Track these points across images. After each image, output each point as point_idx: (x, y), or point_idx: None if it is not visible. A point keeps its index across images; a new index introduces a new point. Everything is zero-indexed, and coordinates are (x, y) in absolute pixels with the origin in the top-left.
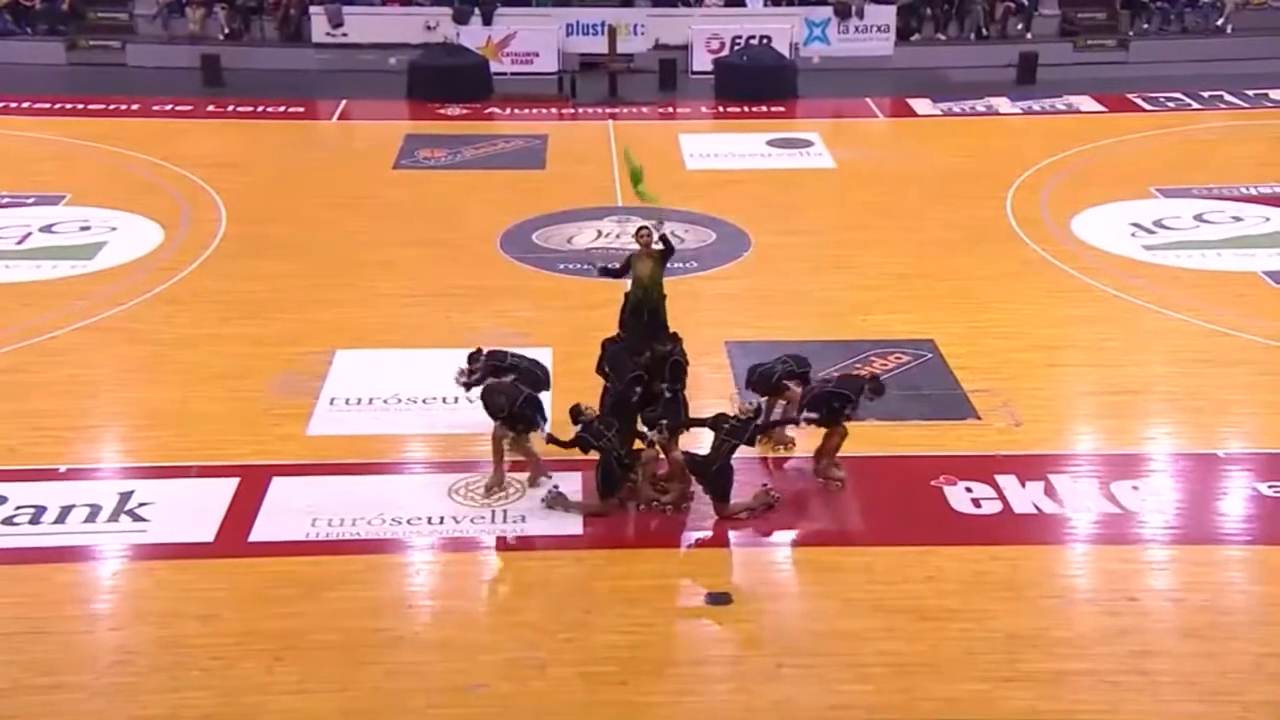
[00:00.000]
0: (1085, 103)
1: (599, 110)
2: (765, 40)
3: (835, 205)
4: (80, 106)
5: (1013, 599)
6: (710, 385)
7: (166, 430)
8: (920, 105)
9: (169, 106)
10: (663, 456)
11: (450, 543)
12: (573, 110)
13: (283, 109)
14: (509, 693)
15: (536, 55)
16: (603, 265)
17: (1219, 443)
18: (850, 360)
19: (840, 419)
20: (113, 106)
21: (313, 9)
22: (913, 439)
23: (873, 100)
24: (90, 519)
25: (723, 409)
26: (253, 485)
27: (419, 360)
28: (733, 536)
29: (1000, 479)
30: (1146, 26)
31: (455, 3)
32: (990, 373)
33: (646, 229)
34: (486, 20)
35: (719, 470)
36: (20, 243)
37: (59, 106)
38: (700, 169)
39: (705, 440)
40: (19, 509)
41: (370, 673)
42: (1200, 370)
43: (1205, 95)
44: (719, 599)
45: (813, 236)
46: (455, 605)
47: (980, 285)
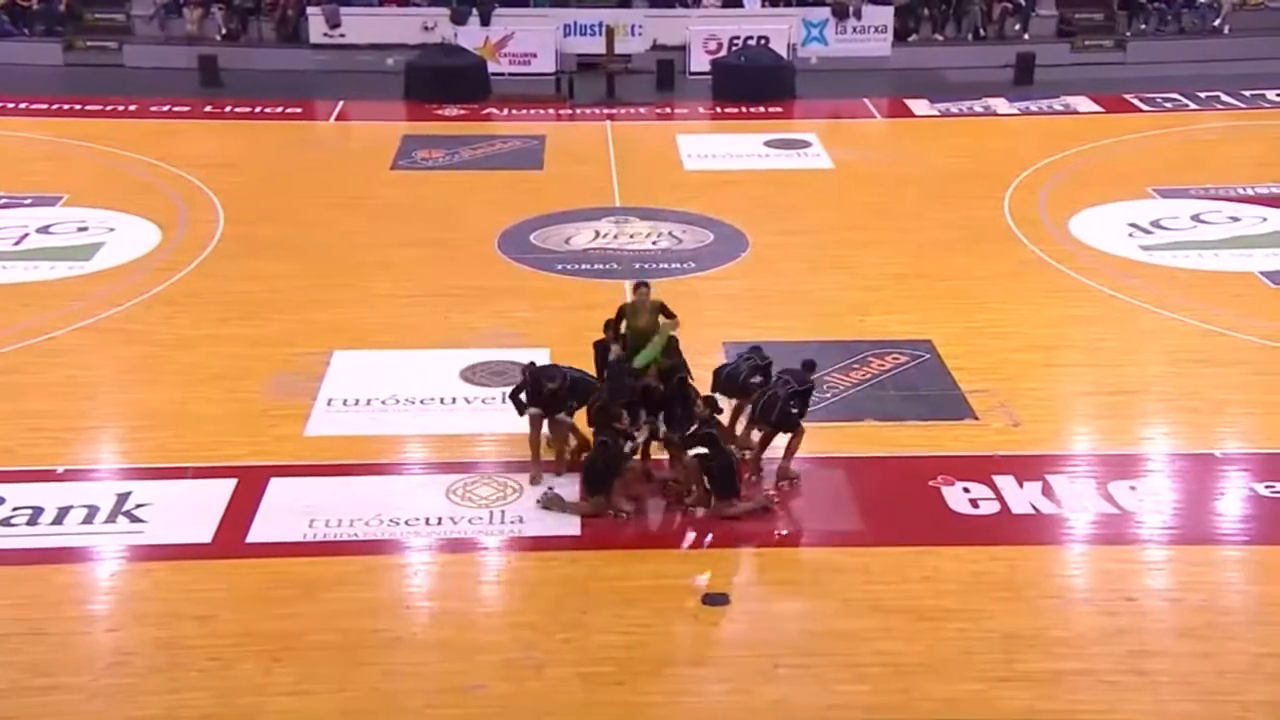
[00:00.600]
0: (1083, 103)
1: (597, 111)
2: (763, 41)
3: (833, 206)
4: (77, 107)
5: (1010, 599)
6: (708, 386)
7: (164, 431)
8: (918, 106)
9: (166, 107)
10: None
11: (448, 543)
12: (570, 111)
13: (280, 110)
14: (507, 693)
15: (534, 56)
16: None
17: (1216, 443)
18: (848, 360)
19: (798, 422)
20: (110, 107)
21: (310, 10)
22: (910, 439)
23: (870, 101)
24: (88, 520)
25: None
26: (250, 486)
27: (417, 361)
28: (730, 537)
29: (998, 479)
30: (1144, 27)
31: (453, 3)
32: (988, 373)
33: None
34: (484, 21)
35: (724, 468)
36: (18, 243)
37: (56, 107)
38: (698, 169)
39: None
40: (16, 510)
41: (368, 673)
42: (1197, 370)
43: (1202, 96)
44: (716, 599)
45: (810, 237)
46: (453, 606)
47: (978, 285)
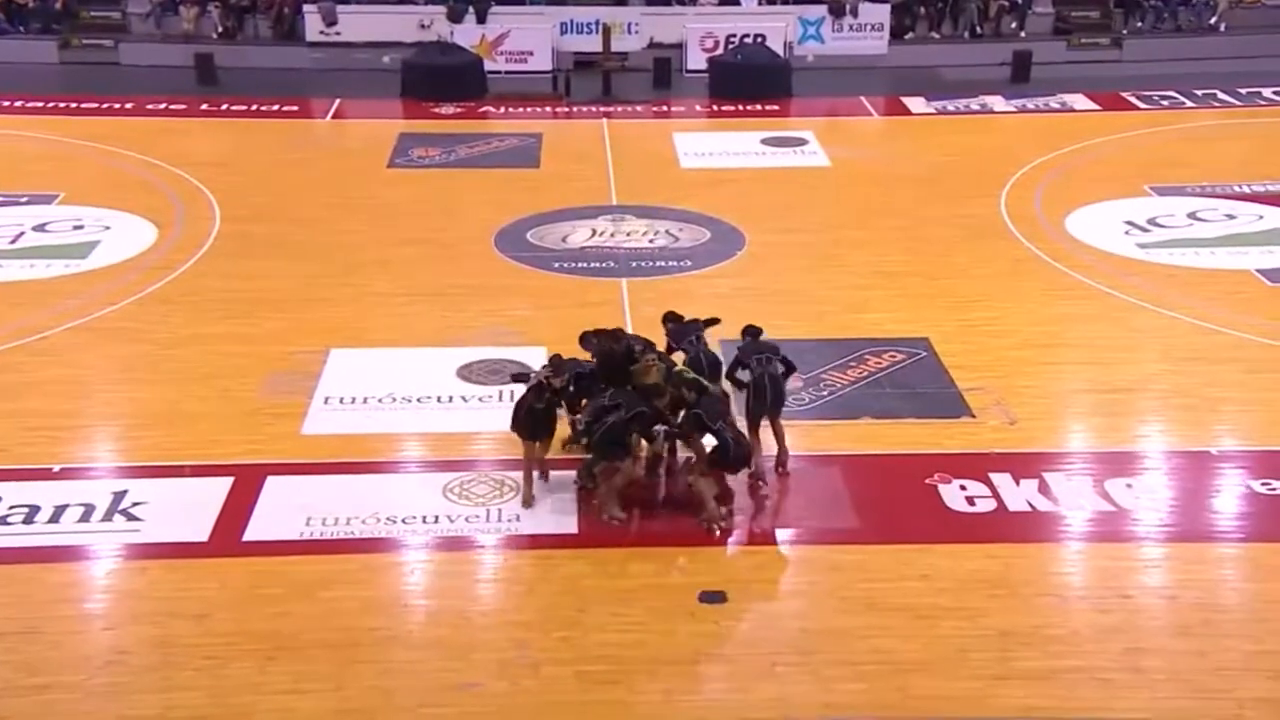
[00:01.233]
0: (1079, 101)
1: (593, 109)
2: (760, 39)
3: (830, 204)
4: (74, 105)
5: (1007, 597)
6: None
7: (160, 430)
8: (914, 104)
9: (163, 105)
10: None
11: (444, 542)
12: (567, 109)
13: (277, 108)
14: (503, 692)
15: (531, 54)
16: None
17: (1212, 440)
18: (845, 358)
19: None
20: (106, 105)
21: (306, 7)
22: (907, 437)
23: (867, 99)
24: (84, 519)
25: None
26: (247, 484)
27: (413, 359)
28: (728, 535)
29: (994, 477)
30: (1140, 25)
31: (449, 1)
32: (984, 371)
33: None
34: (480, 19)
35: (737, 454)
36: (13, 242)
37: (52, 105)
38: (695, 168)
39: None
40: (12, 509)
41: (364, 672)
42: (1194, 368)
43: (1198, 93)
44: (713, 597)
45: (807, 235)
46: (449, 604)
47: (974, 283)
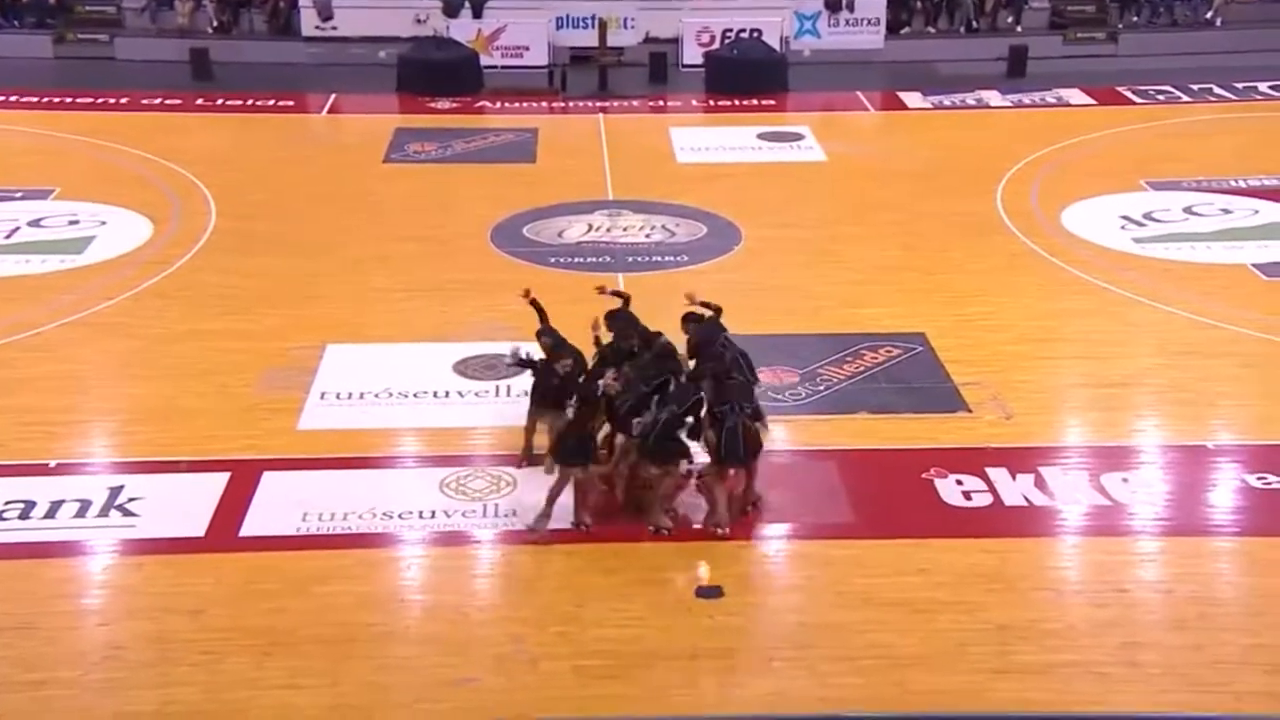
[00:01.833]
0: (1075, 96)
1: (589, 104)
2: (756, 33)
3: (826, 199)
4: (68, 100)
5: (1003, 591)
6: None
7: (156, 425)
8: (911, 98)
9: (158, 100)
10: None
11: (441, 537)
12: (563, 104)
13: (272, 103)
14: (500, 687)
15: (527, 49)
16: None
17: (1208, 434)
18: (841, 353)
19: None
20: (101, 100)
21: (302, 2)
22: (903, 432)
23: (863, 93)
24: (80, 514)
25: None
26: (243, 480)
27: (410, 354)
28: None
29: (991, 471)
30: (1136, 19)
31: None
32: (981, 365)
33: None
34: (476, 13)
35: (727, 447)
36: (8, 237)
37: (47, 100)
38: (691, 162)
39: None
40: (8, 504)
41: (360, 667)
42: (1190, 362)
43: (1194, 88)
44: (710, 592)
45: (803, 230)
46: (446, 600)
47: (970, 278)
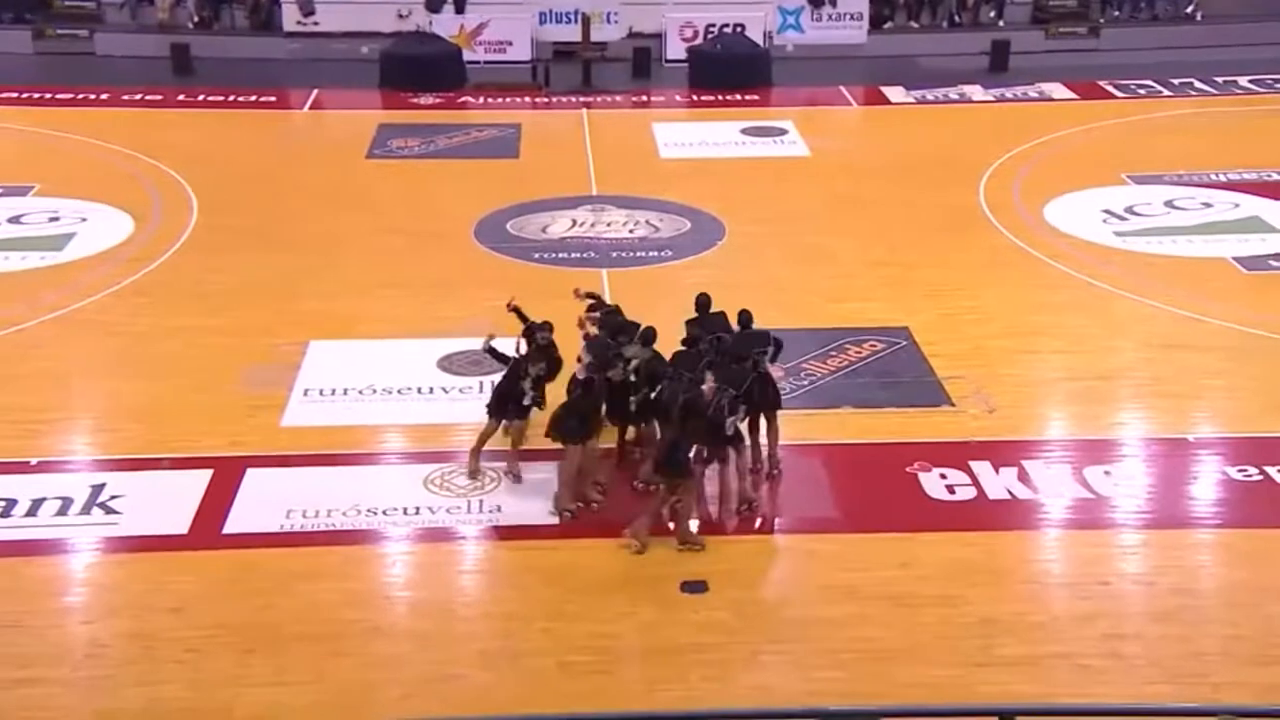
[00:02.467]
0: (1057, 90)
1: (573, 99)
2: (739, 28)
3: (809, 193)
4: (48, 96)
5: (987, 584)
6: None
7: (138, 423)
8: (894, 93)
9: (139, 96)
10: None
11: (426, 533)
12: (546, 99)
13: (254, 98)
14: (486, 683)
15: (510, 44)
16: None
17: (1190, 427)
18: (826, 348)
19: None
20: (81, 96)
21: None
22: (887, 426)
23: (846, 88)
24: (62, 512)
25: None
26: (226, 477)
27: (394, 351)
28: (708, 525)
29: (974, 465)
30: (1117, 14)
31: None
32: (964, 360)
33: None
34: (459, 9)
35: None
36: None
37: (26, 96)
38: (674, 158)
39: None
40: None
41: (345, 664)
42: (1171, 356)
43: (1175, 82)
44: (695, 587)
45: (787, 224)
46: (431, 596)
47: (953, 272)
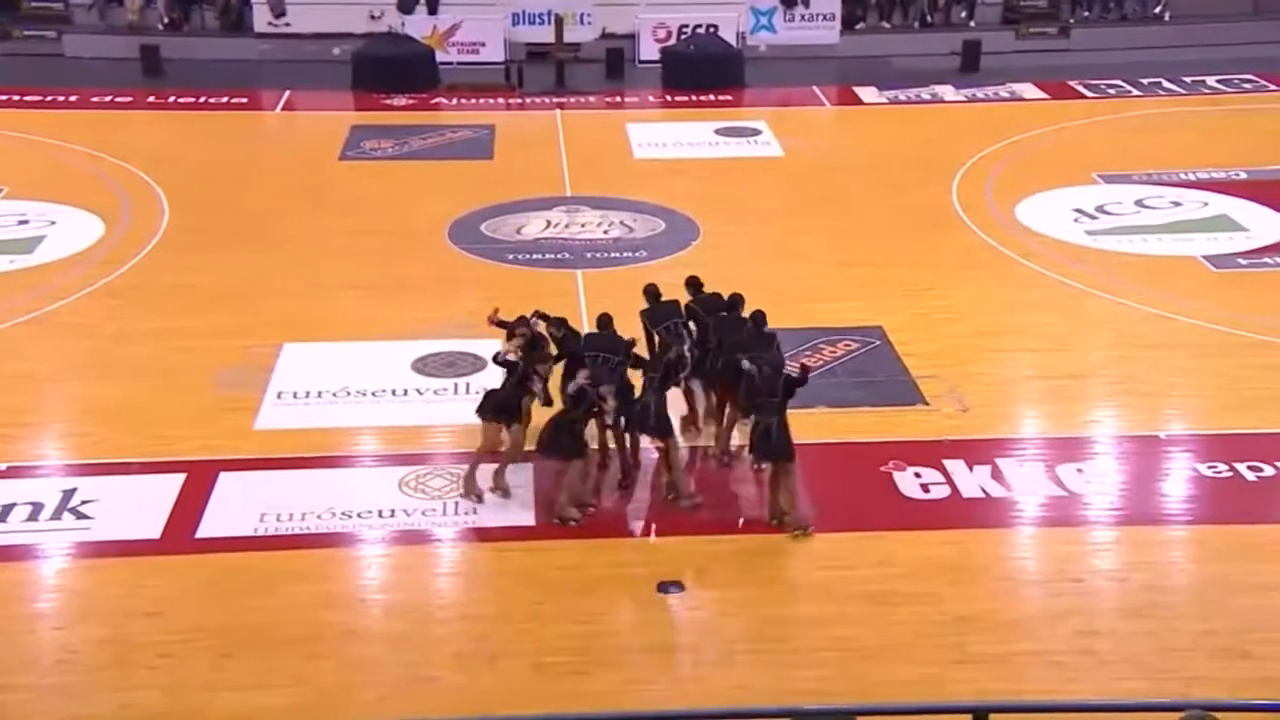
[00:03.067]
0: (1028, 90)
1: (546, 100)
2: (712, 29)
3: (783, 194)
4: (15, 98)
5: (961, 582)
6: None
7: (110, 426)
8: (866, 93)
9: (108, 98)
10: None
11: (401, 536)
12: (520, 100)
13: (225, 100)
14: (462, 685)
15: (483, 45)
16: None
17: (1160, 425)
18: (800, 348)
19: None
20: (50, 98)
21: None
22: (862, 425)
23: (819, 88)
24: (32, 517)
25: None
26: (199, 481)
27: (368, 353)
28: (684, 525)
29: (948, 464)
30: (1087, 14)
31: None
32: (937, 359)
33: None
34: (432, 10)
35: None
36: None
37: None
38: (648, 158)
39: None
40: None
41: (321, 667)
42: (1142, 354)
43: (1144, 82)
44: (671, 587)
45: (761, 225)
46: (407, 598)
47: (927, 272)
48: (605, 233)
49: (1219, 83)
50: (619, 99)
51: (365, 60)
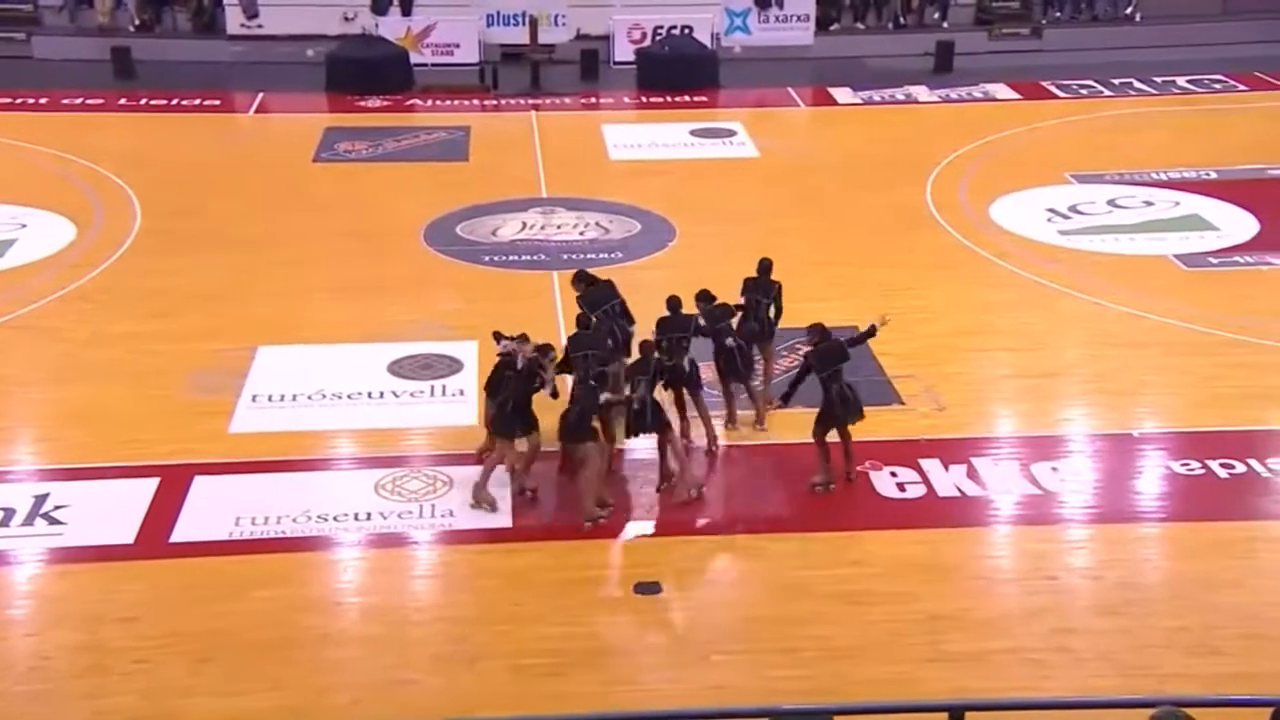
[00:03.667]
0: (1001, 90)
1: (521, 101)
2: (687, 30)
3: (759, 194)
4: None
5: (937, 581)
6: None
7: (82, 431)
8: (841, 94)
9: (79, 100)
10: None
11: (378, 538)
12: (495, 101)
13: (198, 102)
14: (440, 687)
15: (457, 46)
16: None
17: (1134, 423)
18: (776, 349)
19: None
20: (19, 100)
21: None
22: None
23: (794, 89)
24: (4, 523)
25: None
26: (173, 485)
27: (343, 355)
28: (661, 525)
29: (924, 463)
30: (1059, 15)
31: None
32: (913, 358)
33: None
34: (405, 11)
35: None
36: None
37: None
38: (624, 159)
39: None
40: None
41: (298, 671)
42: (1115, 353)
43: (1116, 82)
44: (648, 588)
45: (737, 225)
46: (384, 601)
47: (902, 272)
48: (581, 234)
49: (1189, 83)
50: (594, 100)
51: (339, 62)
